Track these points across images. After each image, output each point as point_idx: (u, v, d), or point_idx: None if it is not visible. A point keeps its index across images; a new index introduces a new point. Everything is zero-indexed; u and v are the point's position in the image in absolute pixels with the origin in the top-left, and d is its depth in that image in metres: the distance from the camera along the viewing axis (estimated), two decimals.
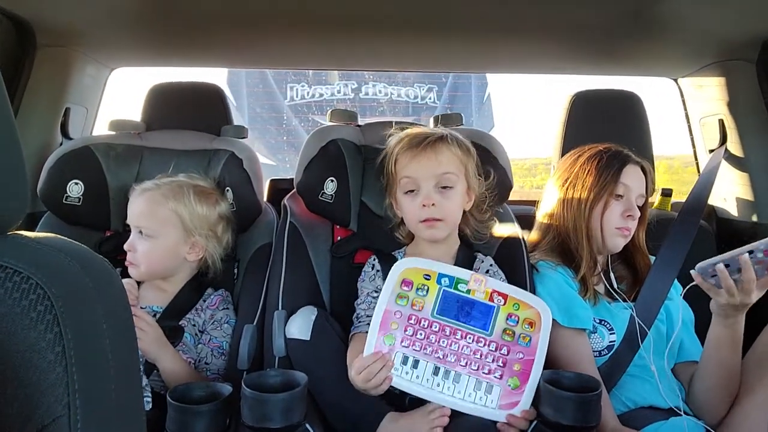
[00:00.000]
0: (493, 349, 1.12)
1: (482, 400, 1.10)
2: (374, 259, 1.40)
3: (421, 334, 1.12)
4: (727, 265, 1.14)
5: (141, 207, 1.36)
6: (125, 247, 1.35)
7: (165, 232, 1.35)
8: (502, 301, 1.15)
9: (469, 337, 1.13)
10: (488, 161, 1.47)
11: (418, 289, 1.16)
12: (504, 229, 1.50)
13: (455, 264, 1.34)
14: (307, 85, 6.61)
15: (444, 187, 1.32)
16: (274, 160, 6.19)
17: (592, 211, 1.40)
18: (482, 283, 1.16)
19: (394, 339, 1.13)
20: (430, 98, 6.64)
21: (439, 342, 1.12)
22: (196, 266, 1.42)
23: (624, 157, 1.42)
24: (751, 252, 1.12)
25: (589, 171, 1.42)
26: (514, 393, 1.11)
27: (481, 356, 1.11)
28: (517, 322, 1.14)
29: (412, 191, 1.33)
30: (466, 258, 1.39)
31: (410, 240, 1.43)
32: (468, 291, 1.16)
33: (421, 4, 1.55)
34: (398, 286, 1.16)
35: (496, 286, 1.16)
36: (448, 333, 1.13)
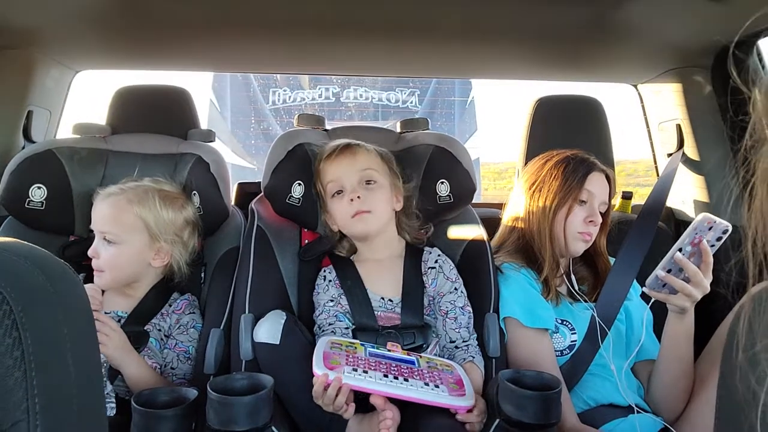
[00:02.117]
0: (425, 374, 1.18)
1: (434, 392, 1.12)
2: (326, 271, 1.42)
3: (362, 363, 1.15)
4: (669, 270, 1.21)
5: (105, 212, 1.34)
6: (89, 253, 1.33)
7: (130, 238, 1.34)
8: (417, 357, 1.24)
9: (404, 367, 1.18)
10: (451, 164, 1.50)
11: (347, 347, 1.21)
12: (469, 232, 1.53)
13: (404, 260, 1.42)
14: (289, 89, 6.61)
15: (368, 182, 1.39)
16: (253, 163, 6.17)
17: (556, 215, 1.43)
18: (398, 348, 1.26)
19: (339, 362, 1.15)
20: (411, 102, 6.69)
21: (379, 367, 1.16)
22: (161, 272, 1.40)
23: (590, 164, 1.46)
24: (680, 249, 1.20)
25: (555, 176, 1.45)
26: (457, 389, 1.16)
27: (420, 376, 1.16)
28: (437, 364, 1.24)
29: (339, 193, 1.39)
30: (413, 253, 1.44)
31: (351, 254, 1.46)
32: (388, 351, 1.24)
33: (389, 10, 1.57)
34: (327, 346, 1.19)
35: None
36: (384, 363, 1.18)
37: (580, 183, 1.43)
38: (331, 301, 1.36)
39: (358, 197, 1.36)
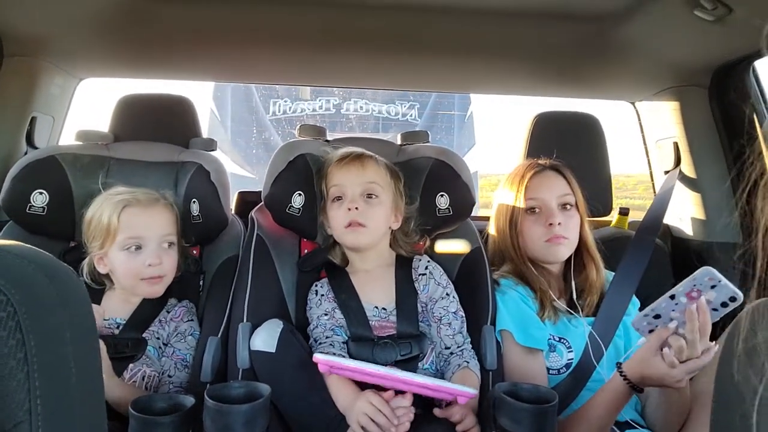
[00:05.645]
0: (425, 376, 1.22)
1: (440, 381, 1.16)
2: (318, 285, 1.43)
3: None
4: (658, 316, 1.09)
5: (166, 216, 1.38)
6: (152, 261, 1.33)
7: (178, 240, 1.40)
8: None
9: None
10: (451, 178, 1.51)
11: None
12: (467, 245, 1.53)
13: (395, 268, 1.43)
14: (290, 100, 6.65)
15: (369, 196, 1.38)
16: (252, 173, 6.18)
17: (518, 231, 1.45)
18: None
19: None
20: (411, 115, 6.73)
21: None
22: None
23: (527, 168, 1.46)
24: (672, 296, 1.06)
25: (504, 194, 1.47)
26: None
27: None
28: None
29: (339, 198, 1.39)
30: (404, 262, 1.44)
31: (345, 263, 1.46)
32: None
33: (391, 24, 1.59)
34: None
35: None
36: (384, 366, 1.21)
37: (521, 193, 1.43)
38: (325, 315, 1.36)
39: (356, 208, 1.36)
